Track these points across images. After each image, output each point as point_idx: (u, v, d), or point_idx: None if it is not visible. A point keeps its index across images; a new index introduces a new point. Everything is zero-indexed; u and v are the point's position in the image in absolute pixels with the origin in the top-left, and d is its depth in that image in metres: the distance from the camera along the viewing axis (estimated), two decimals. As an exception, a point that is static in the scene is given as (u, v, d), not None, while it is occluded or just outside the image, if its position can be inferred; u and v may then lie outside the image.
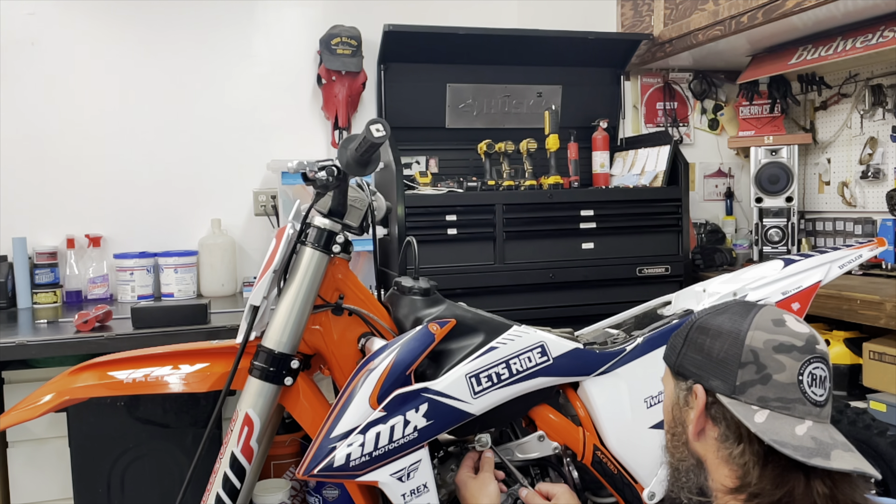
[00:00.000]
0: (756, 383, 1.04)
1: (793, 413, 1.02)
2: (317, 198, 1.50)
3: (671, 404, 1.17)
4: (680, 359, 1.15)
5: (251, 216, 2.86)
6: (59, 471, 2.10)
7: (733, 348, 1.07)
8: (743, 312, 1.11)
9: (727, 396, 1.06)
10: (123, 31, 2.77)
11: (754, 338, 1.06)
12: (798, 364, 1.04)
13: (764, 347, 1.05)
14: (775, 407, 1.03)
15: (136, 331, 2.03)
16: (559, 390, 1.61)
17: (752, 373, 1.04)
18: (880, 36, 2.49)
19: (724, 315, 1.12)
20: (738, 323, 1.09)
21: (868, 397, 2.21)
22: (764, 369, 1.04)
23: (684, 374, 1.13)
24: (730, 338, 1.08)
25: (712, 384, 1.08)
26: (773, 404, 1.03)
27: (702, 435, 1.10)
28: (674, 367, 1.17)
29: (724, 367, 1.07)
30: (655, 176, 2.85)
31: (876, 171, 2.92)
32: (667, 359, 1.20)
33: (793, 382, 1.03)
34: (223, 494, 1.45)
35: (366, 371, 1.40)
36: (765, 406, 1.03)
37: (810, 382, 1.04)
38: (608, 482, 1.56)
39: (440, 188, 2.66)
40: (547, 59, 3.06)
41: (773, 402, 1.03)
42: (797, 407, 1.03)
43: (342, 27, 2.88)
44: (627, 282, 2.68)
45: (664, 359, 1.21)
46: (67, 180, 2.71)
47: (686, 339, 1.14)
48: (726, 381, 1.06)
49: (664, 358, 1.21)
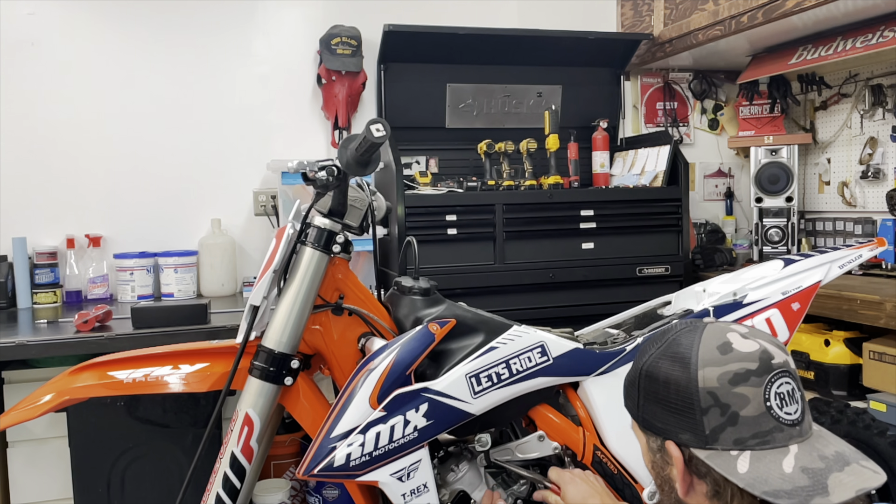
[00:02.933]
0: (725, 426, 0.95)
1: (774, 444, 0.95)
2: (317, 198, 1.50)
3: (650, 461, 1.09)
4: (641, 412, 1.06)
5: (251, 216, 2.86)
6: (59, 471, 2.10)
7: (688, 395, 0.98)
8: (686, 346, 1.01)
9: (701, 449, 0.97)
10: (123, 32, 2.77)
11: (706, 377, 0.97)
12: (760, 390, 0.95)
13: (720, 385, 0.96)
14: (754, 445, 0.94)
15: (136, 331, 2.02)
16: (559, 390, 1.61)
17: (717, 416, 0.96)
18: (880, 36, 2.49)
19: (669, 353, 1.03)
20: (684, 363, 0.99)
21: (868, 397, 2.21)
22: (728, 409, 0.95)
23: (652, 430, 1.05)
24: (682, 384, 0.98)
25: (683, 438, 0.99)
26: (751, 442, 0.94)
27: (691, 490, 1.02)
28: (638, 420, 1.08)
29: (687, 418, 0.98)
30: (655, 176, 2.85)
31: (876, 171, 2.92)
32: (628, 409, 1.11)
33: (762, 412, 0.95)
34: (223, 494, 1.45)
35: (366, 371, 1.40)
36: (743, 447, 0.95)
37: (780, 404, 0.96)
38: (608, 482, 1.56)
39: (440, 188, 2.66)
40: (547, 59, 3.06)
41: (750, 441, 0.95)
42: (776, 436, 0.95)
43: (342, 27, 2.88)
44: (627, 282, 2.68)
45: (626, 407, 1.12)
46: (67, 180, 2.71)
47: (639, 389, 1.06)
48: (695, 433, 0.97)
49: (625, 406, 1.12)
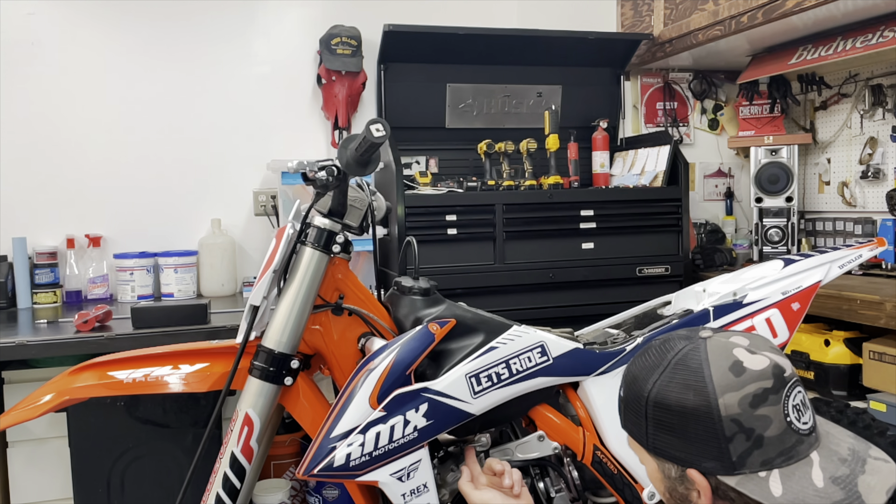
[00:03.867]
0: (752, 450, 0.95)
1: (798, 457, 0.96)
2: (317, 198, 1.50)
3: (664, 487, 1.05)
4: (652, 440, 1.02)
5: (251, 216, 2.86)
6: (59, 471, 2.10)
7: (710, 425, 0.96)
8: (693, 368, 0.99)
9: (730, 475, 0.96)
10: (123, 31, 2.77)
11: (727, 405, 0.95)
12: (780, 407, 0.96)
13: (741, 410, 0.95)
14: (780, 463, 0.95)
15: (136, 331, 2.03)
16: (559, 390, 1.61)
17: (743, 442, 0.95)
18: (880, 36, 2.49)
19: (676, 380, 0.99)
20: (700, 392, 0.97)
21: (868, 397, 2.21)
22: (753, 433, 0.95)
23: (667, 457, 1.01)
24: (701, 414, 0.96)
25: (707, 466, 0.97)
26: (778, 461, 0.95)
27: None
28: (648, 447, 1.04)
29: (710, 447, 0.96)
30: (655, 176, 2.85)
31: (876, 171, 2.92)
32: (629, 431, 1.08)
33: (784, 429, 0.96)
34: (223, 494, 1.45)
35: (366, 371, 1.40)
36: (770, 467, 0.95)
37: (797, 416, 0.97)
38: (608, 482, 1.56)
39: (440, 188, 2.66)
40: (547, 59, 3.06)
41: (777, 460, 0.95)
42: (798, 449, 0.96)
43: (342, 27, 2.88)
44: (627, 282, 2.68)
45: (624, 427, 1.09)
46: (67, 180, 2.71)
47: (647, 418, 1.02)
48: (721, 461, 0.96)
49: (624, 426, 1.09)
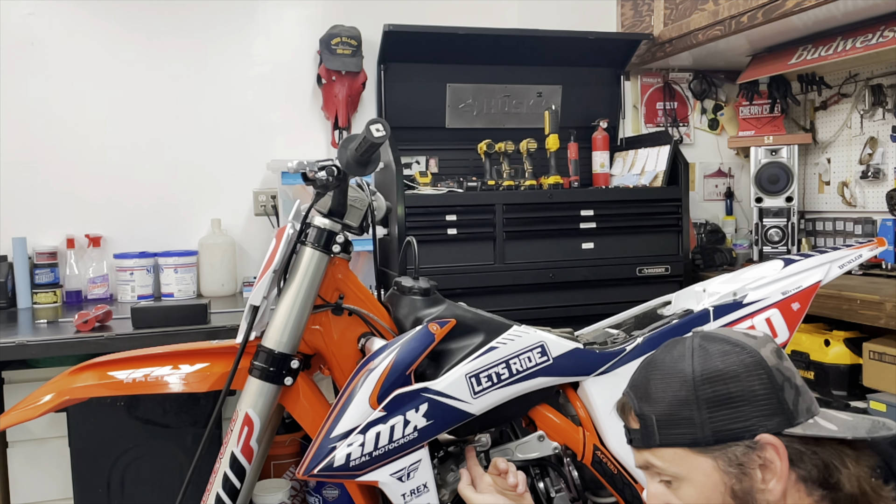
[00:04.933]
0: (797, 398, 0.96)
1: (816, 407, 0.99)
2: (317, 198, 1.50)
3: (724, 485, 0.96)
4: (708, 425, 0.96)
5: (251, 216, 2.86)
6: (59, 471, 2.10)
7: (765, 376, 0.96)
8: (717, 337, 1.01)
9: (792, 426, 0.94)
10: (123, 31, 2.77)
11: (767, 356, 0.98)
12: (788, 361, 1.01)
13: (777, 361, 0.98)
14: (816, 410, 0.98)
15: (136, 331, 2.03)
16: (559, 390, 1.61)
17: (789, 390, 0.96)
18: (880, 36, 2.49)
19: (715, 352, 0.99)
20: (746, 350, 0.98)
21: (868, 397, 2.21)
22: (792, 381, 0.98)
23: (730, 437, 0.95)
24: (754, 369, 0.96)
25: (771, 424, 0.94)
26: (814, 408, 0.97)
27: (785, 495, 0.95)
28: (704, 439, 0.96)
29: (771, 401, 0.95)
30: (655, 176, 2.85)
31: (876, 171, 2.92)
32: (673, 441, 0.99)
33: (803, 382, 1.00)
34: (223, 494, 1.45)
35: (366, 371, 1.40)
36: (811, 414, 0.96)
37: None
38: (608, 482, 1.56)
39: (440, 188, 2.66)
40: (547, 59, 3.05)
41: (813, 406, 0.98)
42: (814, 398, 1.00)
43: (342, 27, 2.88)
44: (627, 282, 2.68)
45: (664, 442, 1.00)
46: (67, 180, 2.71)
47: (699, 402, 0.97)
48: (783, 413, 0.95)
49: (663, 441, 1.00)
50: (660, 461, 1.01)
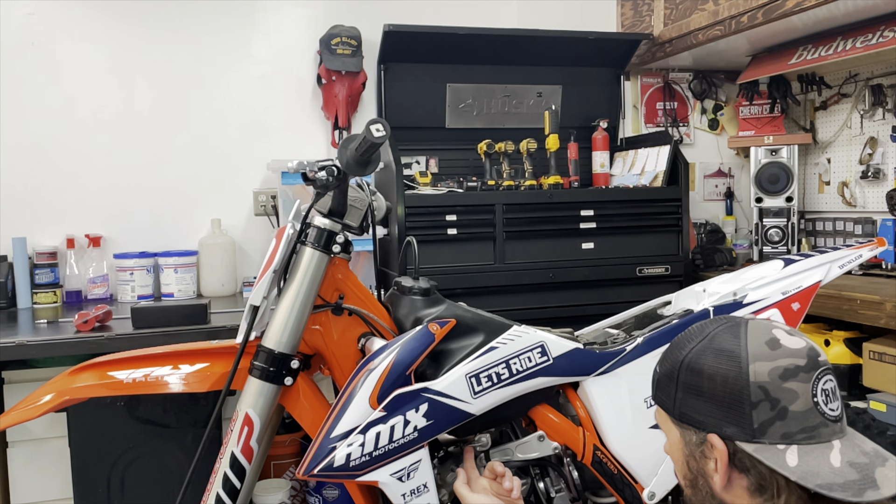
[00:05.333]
0: (775, 420, 0.97)
1: (820, 439, 0.97)
2: (317, 198, 1.50)
3: (684, 456, 1.07)
4: (679, 405, 1.05)
5: (251, 216, 2.86)
6: (59, 471, 2.10)
7: (739, 388, 0.99)
8: (732, 341, 1.03)
9: (748, 442, 0.98)
10: (123, 32, 2.77)
11: (757, 372, 0.98)
12: (809, 386, 0.98)
13: (770, 379, 0.98)
14: (801, 440, 0.96)
15: (136, 331, 2.03)
16: (559, 390, 1.61)
17: (767, 410, 0.97)
18: (880, 36, 2.49)
19: (713, 347, 1.03)
20: (733, 358, 1.00)
21: (868, 397, 2.21)
22: (778, 403, 0.97)
23: (691, 423, 1.04)
24: (731, 378, 0.99)
25: (728, 432, 0.99)
26: (799, 437, 0.96)
27: (729, 485, 1.02)
28: (674, 414, 1.07)
29: (735, 412, 0.99)
30: (655, 176, 2.85)
31: (876, 171, 2.92)
32: (659, 402, 1.11)
33: (810, 407, 0.97)
34: (223, 494, 1.45)
35: (366, 371, 1.40)
36: (790, 442, 0.96)
37: (825, 400, 0.98)
38: (608, 482, 1.57)
39: (440, 188, 2.66)
40: (547, 59, 3.05)
41: (798, 436, 0.96)
42: (822, 431, 0.97)
43: (342, 27, 2.88)
44: (627, 282, 2.68)
45: (655, 400, 1.13)
46: (68, 180, 2.71)
47: (678, 383, 1.05)
48: (743, 427, 0.98)
49: (655, 400, 1.13)
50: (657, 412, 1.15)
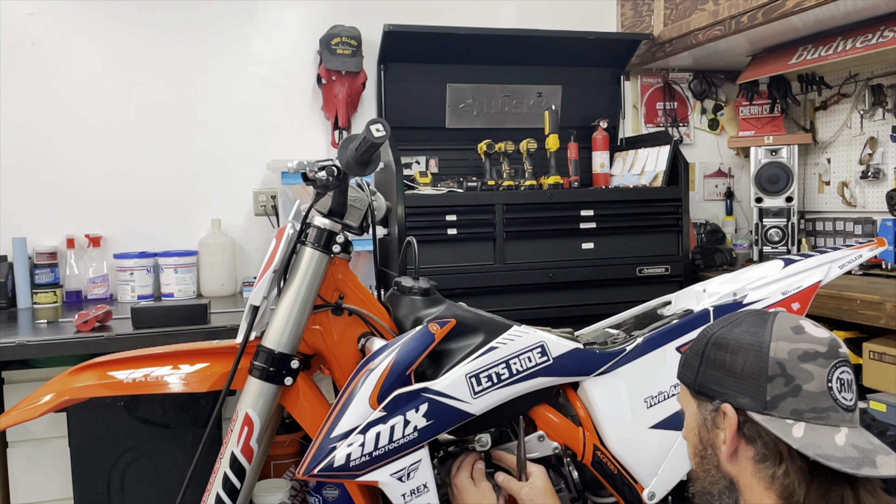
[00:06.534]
0: (787, 396, 1.02)
1: (828, 422, 1.01)
2: (317, 198, 1.50)
3: (697, 426, 1.13)
4: (700, 378, 1.11)
5: (251, 216, 2.86)
6: (59, 471, 2.10)
7: (758, 362, 1.04)
8: (759, 323, 1.08)
9: (759, 413, 1.03)
10: (123, 32, 2.77)
11: (778, 349, 1.04)
12: (826, 371, 1.02)
13: (789, 358, 1.03)
14: (810, 418, 1.01)
15: (136, 331, 2.02)
16: (559, 390, 1.61)
17: (781, 386, 1.02)
18: (880, 36, 2.49)
19: (741, 328, 1.09)
20: (757, 335, 1.06)
21: (868, 397, 2.20)
22: (793, 381, 1.02)
23: (707, 394, 1.10)
24: (752, 352, 1.05)
25: (741, 402, 1.04)
26: (808, 416, 1.01)
27: (734, 456, 1.07)
28: (694, 387, 1.13)
29: (751, 383, 1.04)
30: (655, 176, 2.85)
31: (876, 171, 2.92)
32: (683, 378, 1.17)
33: (823, 391, 1.02)
34: (223, 494, 1.45)
35: (366, 371, 1.40)
36: (799, 419, 1.01)
37: (839, 388, 1.02)
38: (608, 482, 1.57)
39: (440, 188, 2.66)
40: (547, 59, 3.05)
41: (808, 414, 1.01)
42: (831, 415, 1.01)
43: (342, 27, 2.88)
44: (627, 282, 2.68)
45: (679, 378, 1.18)
46: (67, 180, 2.71)
47: (703, 357, 1.11)
48: (756, 398, 1.03)
49: (679, 377, 1.18)
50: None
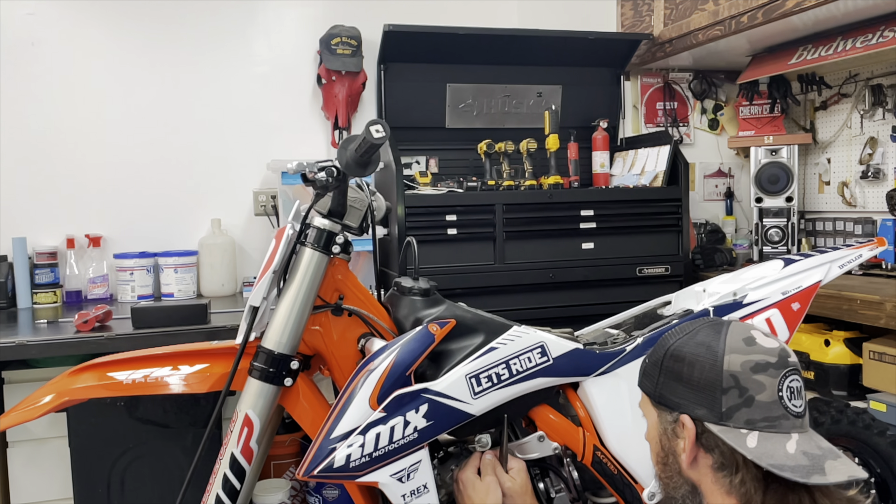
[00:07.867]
0: (741, 407, 1.07)
1: (780, 430, 1.06)
2: (316, 198, 1.50)
3: (658, 435, 1.19)
4: (659, 389, 1.16)
5: (251, 216, 2.86)
6: (59, 471, 2.10)
7: (713, 375, 1.09)
8: (713, 335, 1.13)
9: (715, 424, 1.08)
10: (123, 32, 2.77)
11: (731, 362, 1.08)
12: (776, 381, 1.07)
13: (742, 370, 1.08)
14: (763, 427, 1.06)
15: (136, 331, 2.02)
16: (559, 390, 1.61)
17: (735, 397, 1.07)
18: (880, 36, 2.49)
19: (695, 339, 1.14)
20: (712, 348, 1.11)
21: (868, 397, 2.21)
22: (746, 392, 1.07)
23: (667, 405, 1.15)
24: (707, 364, 1.10)
25: (698, 413, 1.10)
26: (761, 424, 1.06)
27: (695, 463, 1.12)
28: (654, 397, 1.18)
29: (707, 395, 1.09)
30: (655, 176, 2.85)
31: (876, 171, 2.92)
32: (643, 387, 1.22)
33: (775, 400, 1.07)
34: (223, 495, 1.45)
35: (366, 372, 1.40)
36: (753, 428, 1.06)
37: (790, 396, 1.08)
38: (608, 482, 1.57)
39: (440, 188, 2.66)
40: (547, 59, 3.05)
41: (760, 423, 1.06)
42: (782, 423, 1.06)
43: (342, 27, 2.88)
44: (627, 282, 2.68)
45: (640, 386, 1.23)
46: (67, 180, 2.71)
47: (661, 368, 1.16)
48: (712, 409, 1.08)
49: (640, 385, 1.23)
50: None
